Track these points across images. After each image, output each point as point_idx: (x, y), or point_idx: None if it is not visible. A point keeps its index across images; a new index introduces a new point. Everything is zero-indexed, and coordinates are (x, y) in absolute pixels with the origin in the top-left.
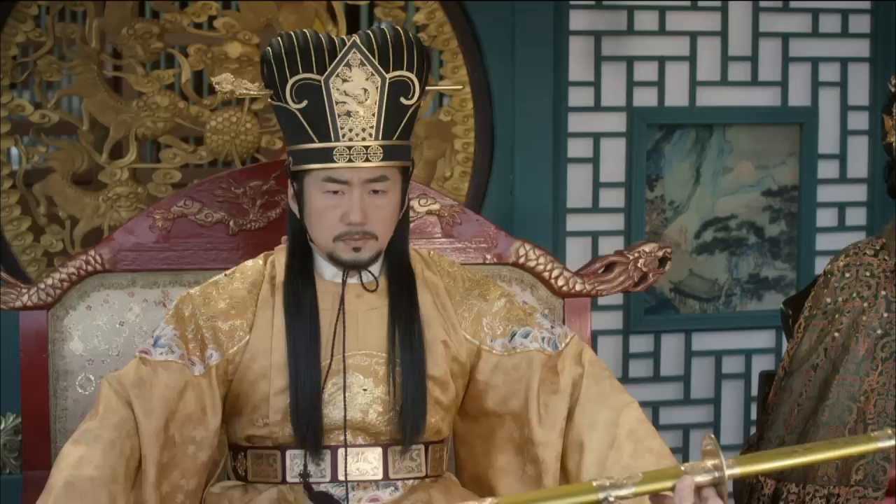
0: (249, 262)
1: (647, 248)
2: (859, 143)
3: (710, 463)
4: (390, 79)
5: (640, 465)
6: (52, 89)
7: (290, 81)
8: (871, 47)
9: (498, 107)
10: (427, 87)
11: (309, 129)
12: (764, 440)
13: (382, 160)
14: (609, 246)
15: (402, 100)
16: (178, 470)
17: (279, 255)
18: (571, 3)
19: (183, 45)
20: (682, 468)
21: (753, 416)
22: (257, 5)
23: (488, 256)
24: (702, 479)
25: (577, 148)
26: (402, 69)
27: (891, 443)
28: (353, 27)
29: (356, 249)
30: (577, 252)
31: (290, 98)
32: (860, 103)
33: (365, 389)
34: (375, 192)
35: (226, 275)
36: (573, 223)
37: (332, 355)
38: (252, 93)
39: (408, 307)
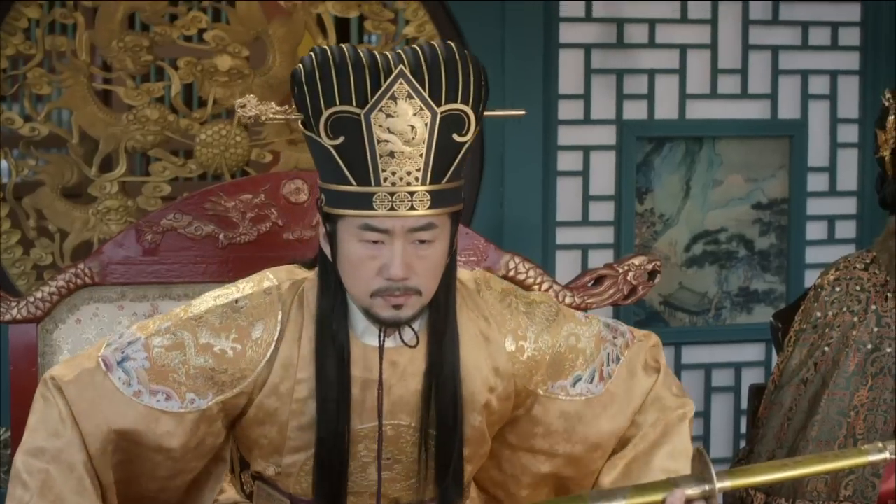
0: (265, 284)
1: (636, 261)
2: (849, 156)
3: (700, 476)
4: (442, 113)
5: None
6: (42, 102)
7: (325, 114)
8: (861, 60)
9: (488, 119)
10: (486, 113)
11: (345, 169)
12: (754, 454)
13: (430, 207)
14: (599, 259)
15: (455, 136)
16: (145, 478)
17: (311, 294)
18: (561, 16)
19: (173, 57)
20: (673, 481)
21: (743, 429)
22: (247, 18)
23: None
24: (692, 492)
25: (567, 161)
26: (456, 101)
27: (881, 456)
28: (342, 40)
29: (396, 307)
30: (566, 265)
31: (325, 133)
32: (850, 116)
33: (388, 458)
34: (421, 241)
35: (235, 300)
36: (563, 236)
37: (363, 423)
38: (280, 118)
39: (448, 372)
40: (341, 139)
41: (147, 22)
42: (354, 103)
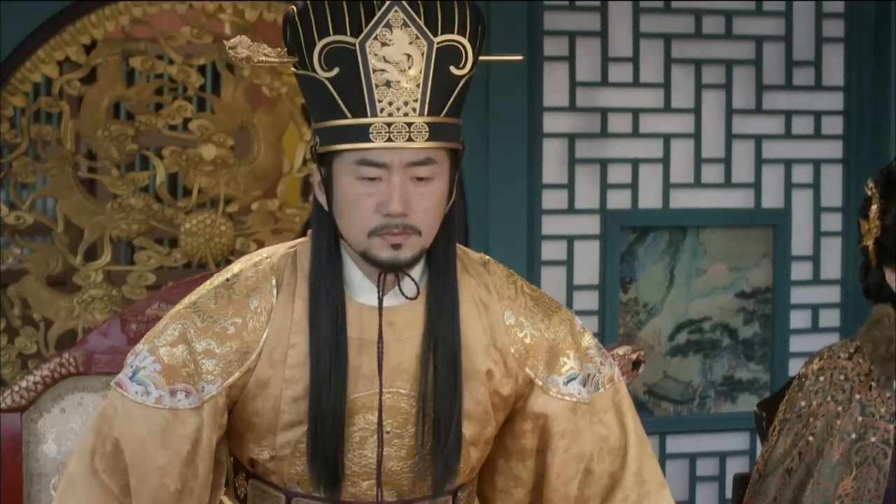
0: (255, 259)
1: (620, 350)
2: (833, 245)
3: None
4: (438, 44)
5: None
6: (28, 190)
7: (319, 45)
8: (844, 149)
9: (472, 208)
10: (481, 58)
11: (340, 102)
12: None
13: (428, 140)
14: None
15: (453, 69)
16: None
17: (303, 256)
18: (545, 105)
19: (158, 146)
20: None
21: None
22: (232, 107)
23: None
24: None
25: (551, 250)
26: (452, 32)
27: None
28: None
29: (395, 247)
30: None
31: (319, 65)
32: (833, 205)
33: (388, 432)
34: (419, 178)
35: (227, 279)
36: None
37: (360, 391)
38: (272, 60)
39: (447, 335)
40: (336, 71)
41: (132, 111)
42: (349, 33)
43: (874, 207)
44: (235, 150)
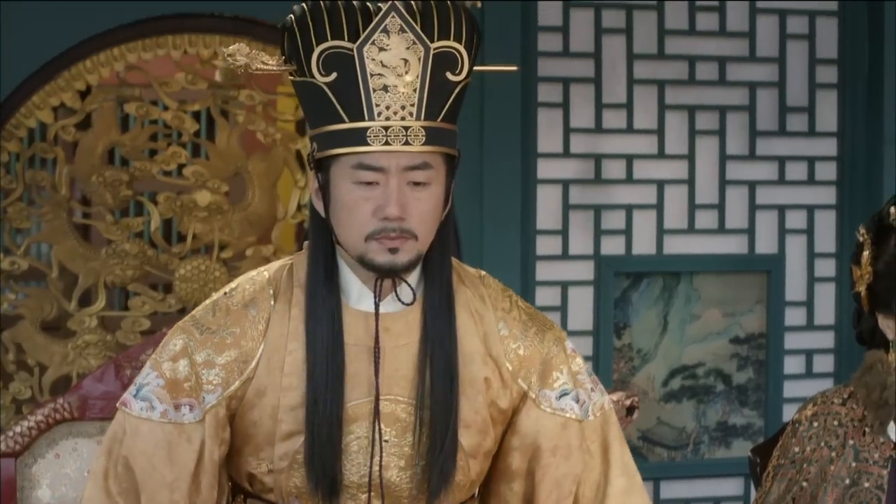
0: (253, 273)
1: (615, 396)
2: (826, 290)
3: None
4: (435, 49)
5: None
6: (22, 235)
7: (318, 50)
8: (838, 195)
9: (466, 255)
10: (476, 67)
11: (338, 106)
12: None
13: (425, 144)
14: None
15: (449, 75)
16: None
17: (299, 266)
18: (539, 151)
19: (152, 192)
20: None
21: None
22: (226, 154)
23: None
24: None
25: (545, 296)
26: (448, 39)
27: None
28: None
29: (392, 251)
30: None
31: (317, 70)
32: (827, 250)
33: (386, 440)
34: (416, 183)
35: (225, 293)
36: None
37: (356, 398)
38: (270, 67)
39: (444, 341)
40: (334, 76)
41: (127, 157)
42: (346, 38)
43: (866, 254)
44: (230, 196)
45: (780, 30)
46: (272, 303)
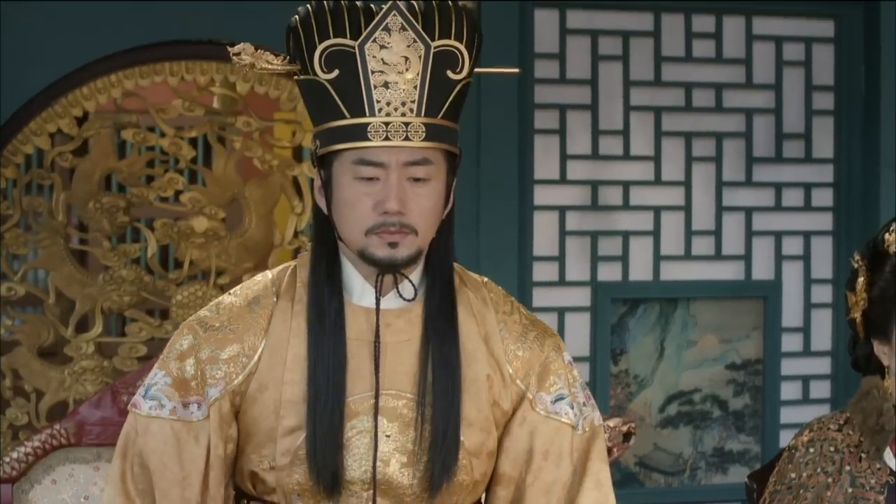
0: (258, 276)
1: (611, 422)
2: (823, 316)
3: None
4: (436, 48)
5: None
6: (19, 262)
7: (320, 48)
8: (834, 221)
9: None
10: (477, 70)
11: (340, 102)
12: None
13: (425, 140)
14: None
15: (450, 73)
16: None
17: (303, 267)
18: (536, 178)
19: (149, 218)
20: None
21: None
22: (224, 180)
23: None
24: None
25: None
26: (449, 38)
27: None
28: None
29: (392, 245)
30: None
31: (320, 67)
32: (823, 276)
33: (388, 436)
34: (416, 179)
35: (229, 293)
36: None
37: (357, 392)
38: (275, 67)
39: (446, 336)
40: (336, 73)
41: (124, 183)
42: (348, 36)
43: (860, 280)
44: (227, 223)
45: (777, 56)
46: (275, 300)
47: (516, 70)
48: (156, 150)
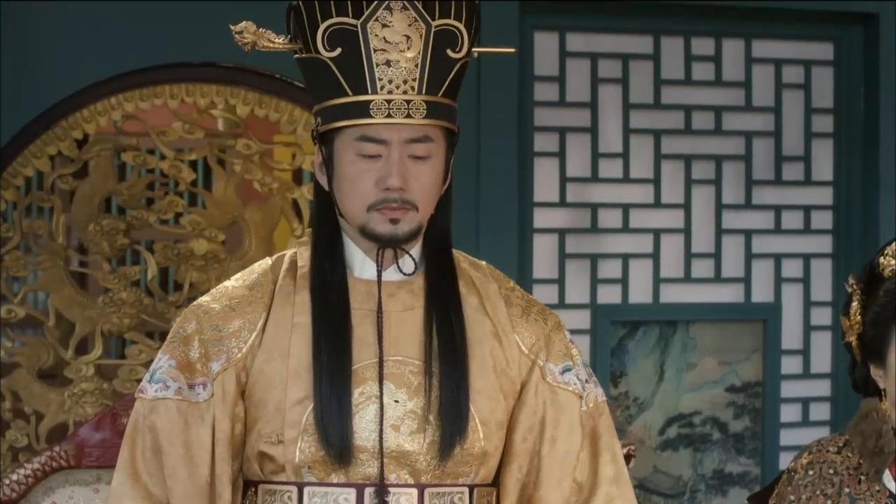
0: (258, 263)
1: None
2: (822, 339)
3: None
4: (436, 27)
5: None
6: (19, 284)
7: (323, 27)
8: (834, 243)
9: None
10: (476, 49)
11: (342, 80)
12: None
13: (426, 117)
14: None
15: (450, 52)
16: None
17: (303, 248)
18: (535, 201)
19: (149, 241)
20: None
21: None
22: (223, 203)
23: None
24: None
25: None
26: (449, 17)
27: None
28: None
29: (394, 221)
30: None
31: (322, 45)
32: (823, 299)
33: (397, 401)
34: (417, 157)
35: (231, 279)
36: None
37: (363, 359)
38: (277, 45)
39: (448, 304)
40: (338, 51)
41: (124, 205)
42: (351, 14)
43: (854, 304)
44: (227, 245)
45: (776, 79)
46: (275, 281)
47: (513, 49)
48: (156, 173)
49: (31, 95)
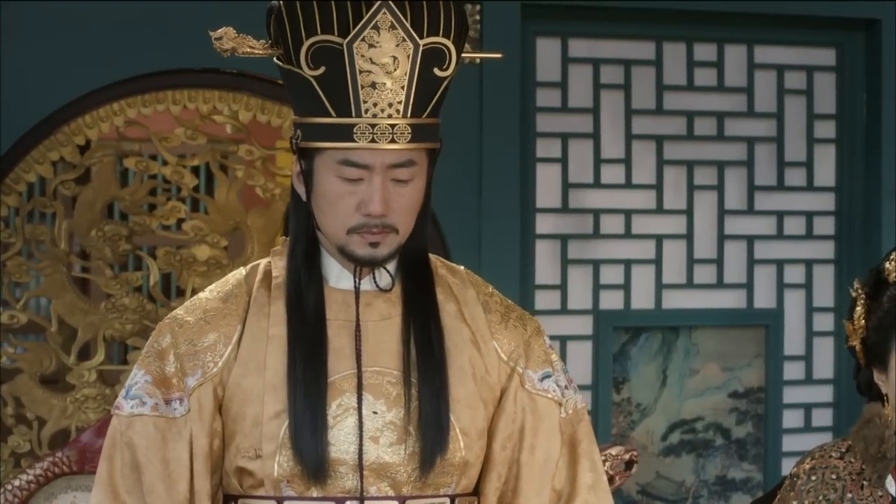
0: (231, 273)
1: (613, 451)
2: (825, 345)
3: None
4: (424, 46)
5: None
6: (21, 289)
7: (307, 44)
8: (836, 249)
9: None
10: (463, 55)
11: (325, 100)
12: None
13: (410, 142)
14: None
15: (437, 71)
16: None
17: (277, 257)
18: (538, 206)
19: (151, 246)
20: None
21: None
22: (226, 208)
23: None
24: None
25: None
26: (437, 35)
27: None
28: None
29: (373, 245)
30: None
31: (306, 63)
32: (825, 305)
33: (375, 413)
34: (399, 180)
35: (204, 290)
36: None
37: (340, 371)
38: (257, 51)
39: (426, 313)
40: (322, 70)
41: (126, 211)
42: (336, 33)
43: (858, 309)
44: (229, 251)
45: (778, 85)
46: (249, 292)
47: (499, 55)
48: (158, 179)
49: (33, 101)
